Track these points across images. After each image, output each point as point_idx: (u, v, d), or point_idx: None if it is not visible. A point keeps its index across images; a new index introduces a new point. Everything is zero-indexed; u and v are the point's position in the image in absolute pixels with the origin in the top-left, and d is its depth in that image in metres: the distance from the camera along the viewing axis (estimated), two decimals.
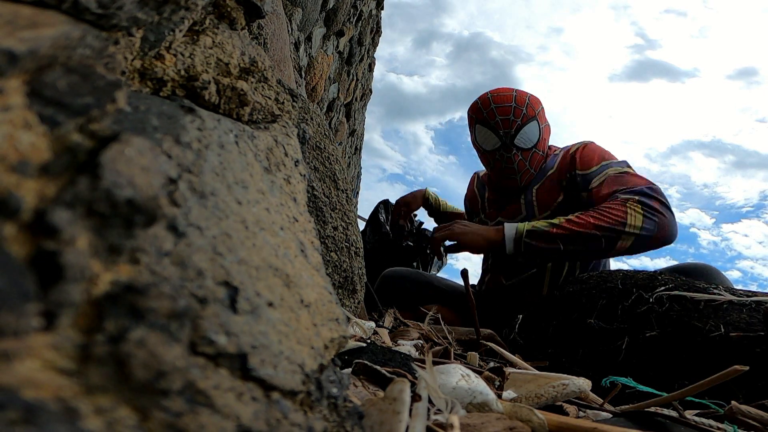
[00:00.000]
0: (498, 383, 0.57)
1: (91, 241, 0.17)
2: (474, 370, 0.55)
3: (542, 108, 1.53)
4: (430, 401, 0.36)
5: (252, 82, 0.39)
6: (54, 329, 0.16)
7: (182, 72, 0.30)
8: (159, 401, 0.18)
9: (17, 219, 0.16)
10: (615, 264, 1.63)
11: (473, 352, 0.66)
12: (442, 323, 0.94)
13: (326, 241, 0.67)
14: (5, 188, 0.15)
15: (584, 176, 1.42)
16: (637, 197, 1.20)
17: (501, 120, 1.47)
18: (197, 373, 0.19)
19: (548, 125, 1.57)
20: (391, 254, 1.89)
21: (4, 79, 0.16)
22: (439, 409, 0.36)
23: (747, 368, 0.44)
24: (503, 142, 1.49)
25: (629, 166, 1.37)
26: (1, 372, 0.15)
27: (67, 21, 0.19)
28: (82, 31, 0.20)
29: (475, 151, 1.64)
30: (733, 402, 0.45)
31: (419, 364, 0.55)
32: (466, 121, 1.63)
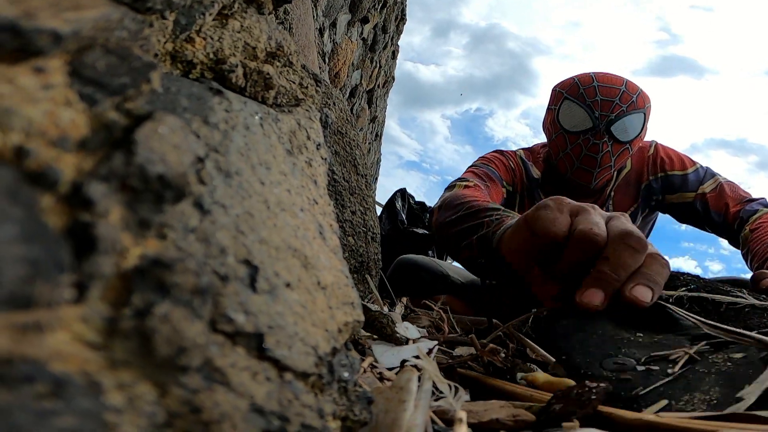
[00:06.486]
0: (503, 354, 0.56)
1: (123, 214, 0.18)
2: (475, 347, 0.55)
3: (650, 107, 1.29)
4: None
5: (277, 66, 0.39)
6: (84, 301, 0.17)
7: (211, 55, 0.31)
8: (178, 378, 0.18)
9: (55, 191, 0.16)
10: None
11: (473, 335, 0.66)
12: (449, 313, 0.94)
13: (344, 225, 0.68)
14: (45, 162, 0.16)
15: (684, 176, 1.35)
16: None
17: (602, 101, 1.24)
18: (215, 350, 0.20)
19: (647, 129, 1.32)
20: (406, 242, 1.89)
21: (48, 59, 0.17)
22: (442, 395, 0.36)
23: None
24: (595, 125, 1.24)
25: None
26: (32, 344, 0.15)
27: (108, 3, 0.20)
28: (121, 14, 0.20)
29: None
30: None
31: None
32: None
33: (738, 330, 0.45)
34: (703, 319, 0.49)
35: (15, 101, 0.15)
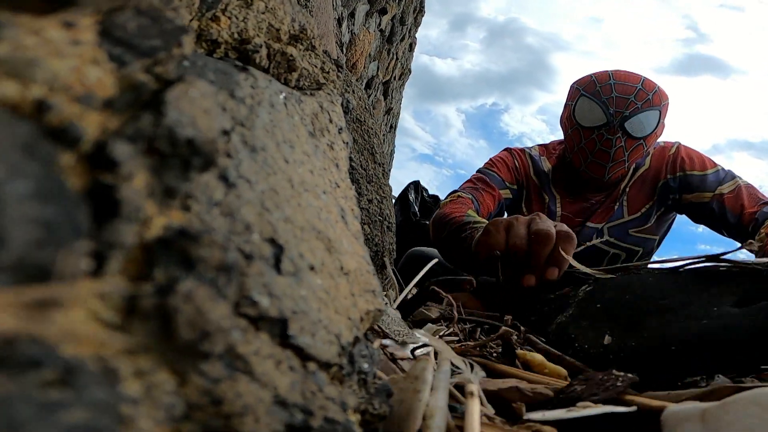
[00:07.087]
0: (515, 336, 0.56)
1: (148, 180, 0.17)
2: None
3: (668, 104, 1.33)
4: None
5: (300, 49, 0.38)
6: (102, 275, 0.16)
7: (235, 35, 0.30)
8: (199, 365, 0.17)
9: (77, 149, 0.15)
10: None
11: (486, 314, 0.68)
12: (460, 306, 0.93)
13: (361, 213, 0.67)
14: (67, 118, 0.15)
15: (703, 176, 1.35)
16: None
17: (617, 98, 1.28)
18: (238, 336, 0.18)
19: (664, 125, 1.35)
20: (418, 233, 1.88)
21: (79, 13, 0.16)
22: (457, 370, 0.35)
23: None
24: (609, 121, 1.28)
25: None
26: (43, 321, 0.14)
27: None
28: None
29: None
30: None
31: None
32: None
33: (598, 269, 0.72)
34: (583, 267, 0.73)
35: (40, 53, 0.14)
